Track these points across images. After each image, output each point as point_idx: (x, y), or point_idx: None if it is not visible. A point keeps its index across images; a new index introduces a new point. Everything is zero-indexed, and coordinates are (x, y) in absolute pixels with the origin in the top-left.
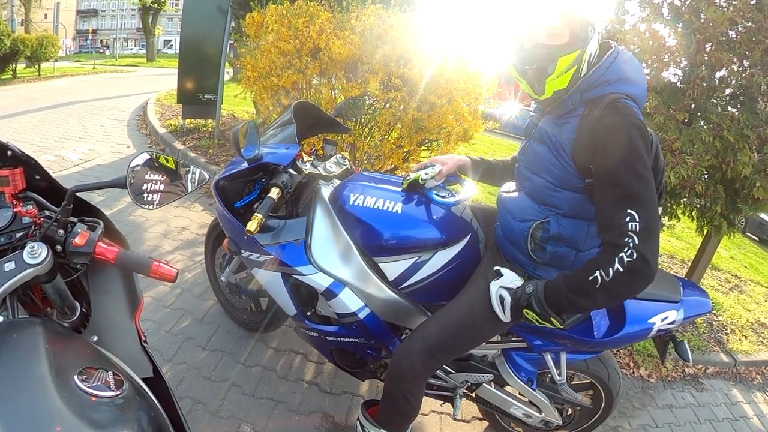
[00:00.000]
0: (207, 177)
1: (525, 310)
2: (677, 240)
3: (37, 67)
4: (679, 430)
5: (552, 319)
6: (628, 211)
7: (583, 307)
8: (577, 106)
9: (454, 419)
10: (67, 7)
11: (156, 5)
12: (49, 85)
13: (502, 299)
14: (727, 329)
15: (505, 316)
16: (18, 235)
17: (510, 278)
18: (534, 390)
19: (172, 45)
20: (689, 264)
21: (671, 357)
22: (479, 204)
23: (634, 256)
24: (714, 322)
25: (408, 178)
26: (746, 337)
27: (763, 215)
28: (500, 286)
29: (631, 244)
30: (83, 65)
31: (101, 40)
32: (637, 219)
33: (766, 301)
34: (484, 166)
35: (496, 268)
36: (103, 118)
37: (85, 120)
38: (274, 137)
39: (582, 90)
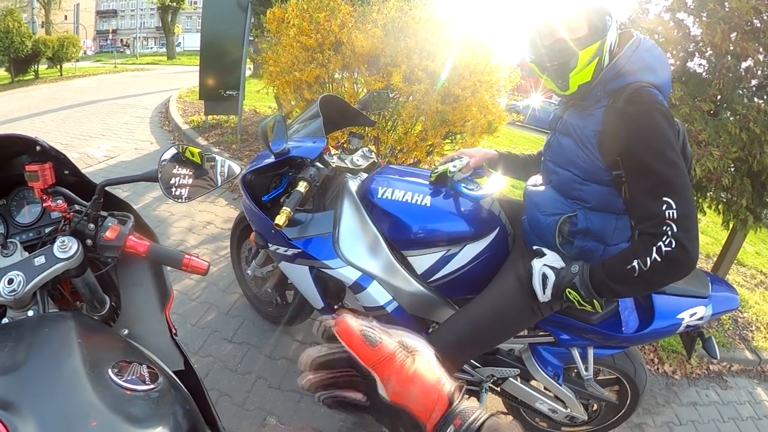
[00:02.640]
0: (238, 170)
1: (568, 290)
2: (702, 235)
3: (59, 67)
4: (703, 428)
5: (594, 301)
6: (664, 199)
7: (621, 294)
8: (601, 97)
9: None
10: (86, 9)
11: (175, 3)
12: (72, 84)
13: (545, 277)
14: (752, 326)
15: (545, 295)
16: (47, 230)
17: (553, 258)
18: (560, 385)
19: (180, 44)
20: (714, 259)
21: (696, 354)
22: (506, 197)
23: (673, 245)
24: (739, 319)
25: (436, 170)
26: None
27: None
28: (544, 264)
29: (670, 233)
30: (104, 65)
31: (121, 40)
32: (674, 206)
33: None
34: (512, 160)
35: (536, 247)
36: (126, 115)
37: (108, 118)
38: (300, 131)
39: (605, 81)
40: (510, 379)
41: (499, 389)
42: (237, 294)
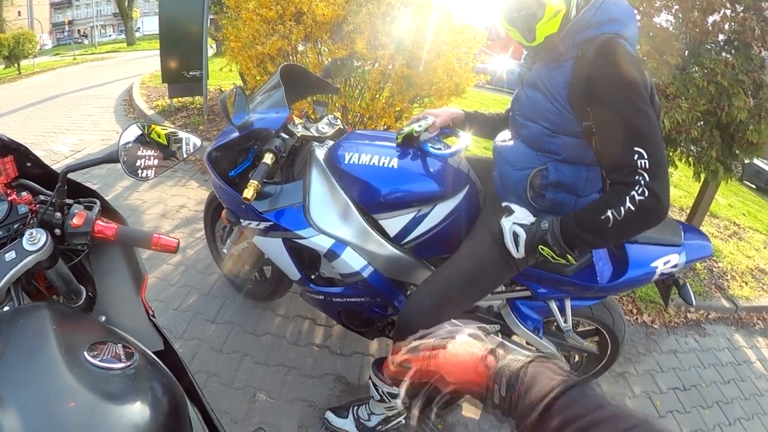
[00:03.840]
0: (200, 142)
1: (540, 246)
2: (675, 188)
3: (16, 66)
4: (684, 374)
5: (568, 255)
6: (635, 148)
7: (595, 245)
8: (569, 49)
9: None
10: (40, 2)
11: None
12: (31, 82)
13: (516, 235)
14: (727, 275)
15: (519, 253)
16: (15, 226)
17: (522, 214)
18: (541, 338)
19: (139, 28)
20: (688, 212)
21: (674, 303)
22: (475, 156)
23: (646, 194)
24: (714, 269)
25: (402, 132)
26: (746, 284)
27: (760, 163)
28: (514, 222)
29: (642, 182)
30: (63, 58)
31: (78, 30)
32: (646, 156)
33: (765, 247)
34: (479, 119)
35: (505, 204)
36: (89, 107)
37: (71, 111)
38: (263, 103)
39: (573, 33)
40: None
41: None
42: (216, 274)
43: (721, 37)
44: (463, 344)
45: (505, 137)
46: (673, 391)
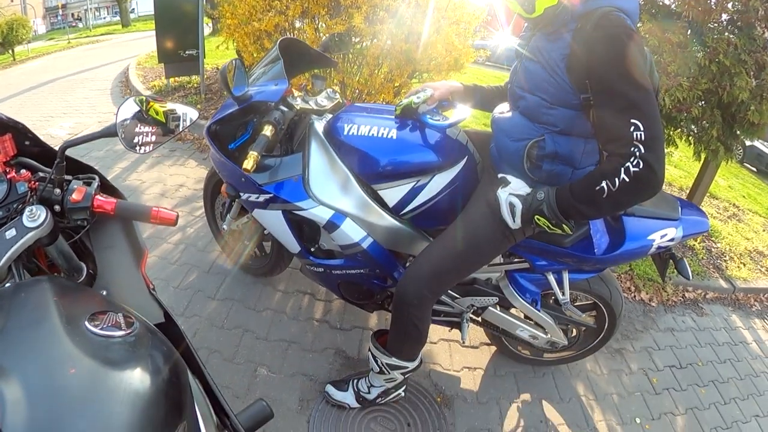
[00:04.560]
0: (196, 114)
1: (536, 217)
2: (675, 168)
3: (10, 52)
4: (681, 352)
5: (563, 225)
6: (631, 120)
7: (590, 216)
8: (568, 21)
9: (463, 345)
10: None
11: None
12: (26, 67)
13: (512, 206)
14: (725, 256)
15: (515, 223)
16: (15, 206)
17: (518, 185)
18: (539, 311)
19: (134, 9)
20: (688, 192)
21: (671, 281)
22: (473, 129)
23: (641, 166)
24: (713, 249)
25: (400, 104)
26: (744, 265)
27: (761, 145)
28: (510, 193)
29: (638, 153)
30: (57, 42)
31: (72, 14)
32: (642, 128)
33: (764, 230)
34: (478, 92)
35: (501, 175)
36: (86, 90)
37: (68, 95)
38: (262, 76)
39: (572, 5)
40: (490, 308)
41: (480, 319)
42: (216, 252)
43: (724, 16)
44: None
45: (503, 109)
46: (669, 369)
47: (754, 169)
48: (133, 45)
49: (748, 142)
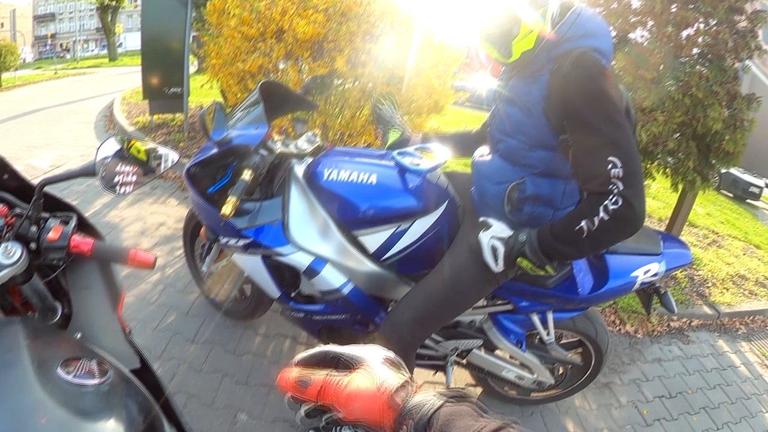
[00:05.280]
0: (177, 157)
1: (519, 259)
2: (653, 200)
3: None
4: (670, 382)
5: (546, 266)
6: (609, 158)
7: (571, 256)
8: (545, 63)
9: (448, 388)
10: (23, 14)
11: (114, 2)
12: (11, 95)
13: (494, 249)
14: (708, 283)
15: (498, 266)
16: None
17: (500, 228)
18: (524, 352)
19: (121, 44)
20: (667, 222)
21: (656, 312)
22: (454, 171)
23: (620, 203)
24: (695, 277)
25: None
26: (728, 290)
27: (736, 172)
28: (492, 236)
29: (616, 191)
30: (45, 71)
31: (61, 44)
32: (619, 165)
33: (744, 254)
34: (457, 138)
35: (482, 219)
36: (70, 122)
37: (52, 126)
38: (242, 119)
39: (548, 48)
40: (474, 350)
41: (464, 362)
42: (195, 293)
43: (695, 50)
44: (370, 372)
45: (483, 152)
46: (659, 399)
47: (731, 195)
48: (119, 79)
49: (723, 170)
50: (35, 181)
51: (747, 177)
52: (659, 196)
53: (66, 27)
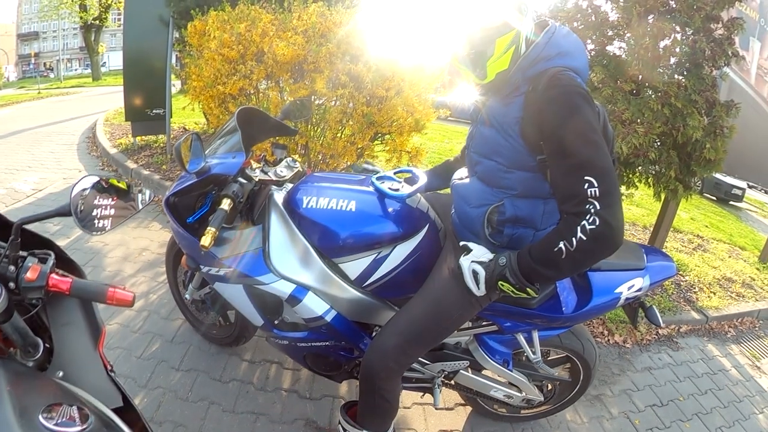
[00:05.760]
0: (154, 193)
1: (500, 282)
2: (637, 207)
3: None
4: (661, 390)
5: (528, 289)
6: (585, 178)
7: (552, 277)
8: (519, 84)
9: (437, 409)
10: (7, 32)
11: (98, 22)
12: None
13: (475, 273)
14: (695, 288)
15: (480, 290)
16: None
17: (480, 252)
18: (511, 371)
19: (105, 63)
20: (651, 229)
21: (643, 321)
22: (434, 194)
23: (597, 223)
24: (682, 283)
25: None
26: (715, 294)
27: (718, 175)
28: (472, 261)
29: (593, 210)
30: (28, 91)
31: (45, 63)
32: (596, 184)
33: (729, 257)
34: (438, 170)
35: (463, 243)
36: (52, 144)
37: (34, 148)
38: (220, 148)
39: (523, 68)
40: (461, 371)
41: (452, 383)
42: (180, 320)
43: (672, 60)
44: None
45: (461, 175)
46: (651, 408)
47: (714, 198)
48: (102, 99)
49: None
50: (18, 205)
51: (729, 179)
52: (643, 204)
53: (50, 46)
